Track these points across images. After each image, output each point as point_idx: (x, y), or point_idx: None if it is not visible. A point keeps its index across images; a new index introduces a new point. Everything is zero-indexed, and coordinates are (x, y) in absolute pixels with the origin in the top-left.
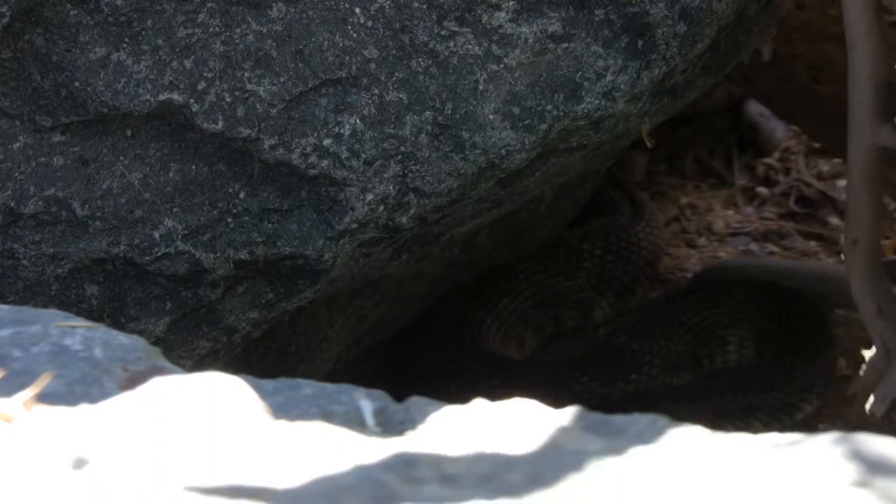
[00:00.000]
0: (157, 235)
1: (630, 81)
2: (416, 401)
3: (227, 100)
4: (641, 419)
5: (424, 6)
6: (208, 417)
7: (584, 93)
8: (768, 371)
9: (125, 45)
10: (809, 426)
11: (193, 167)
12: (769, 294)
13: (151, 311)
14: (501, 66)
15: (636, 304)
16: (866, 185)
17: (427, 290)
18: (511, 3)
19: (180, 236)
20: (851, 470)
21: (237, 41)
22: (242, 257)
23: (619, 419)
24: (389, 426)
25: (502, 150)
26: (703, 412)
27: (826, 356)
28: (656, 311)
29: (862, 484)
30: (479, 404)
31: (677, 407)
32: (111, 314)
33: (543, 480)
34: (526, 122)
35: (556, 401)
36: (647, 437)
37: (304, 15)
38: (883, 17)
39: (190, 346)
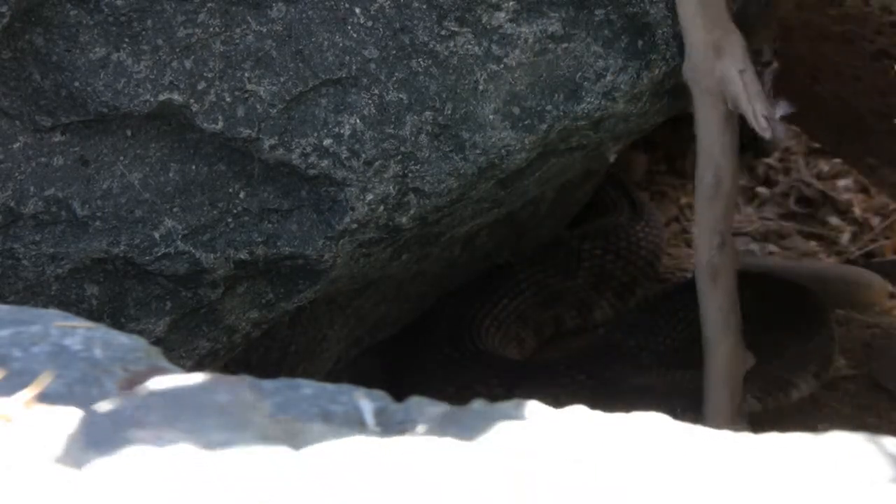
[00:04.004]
0: (157, 235)
1: (630, 81)
2: (416, 401)
3: (227, 100)
4: (641, 419)
5: (424, 6)
6: (208, 416)
7: (584, 93)
8: (760, 345)
9: (125, 45)
10: (809, 426)
11: (193, 167)
12: (766, 287)
13: (151, 311)
14: (501, 66)
15: (636, 304)
16: None
17: (427, 290)
18: (511, 3)
19: (180, 236)
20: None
21: (237, 41)
22: (242, 257)
23: (621, 418)
24: (389, 426)
25: (502, 150)
26: (691, 378)
27: (821, 337)
28: (653, 307)
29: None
30: (478, 405)
31: (666, 373)
32: (111, 314)
33: (544, 481)
34: (526, 122)
35: (555, 400)
36: (654, 436)
37: (304, 15)
38: (739, 313)
39: (190, 346)
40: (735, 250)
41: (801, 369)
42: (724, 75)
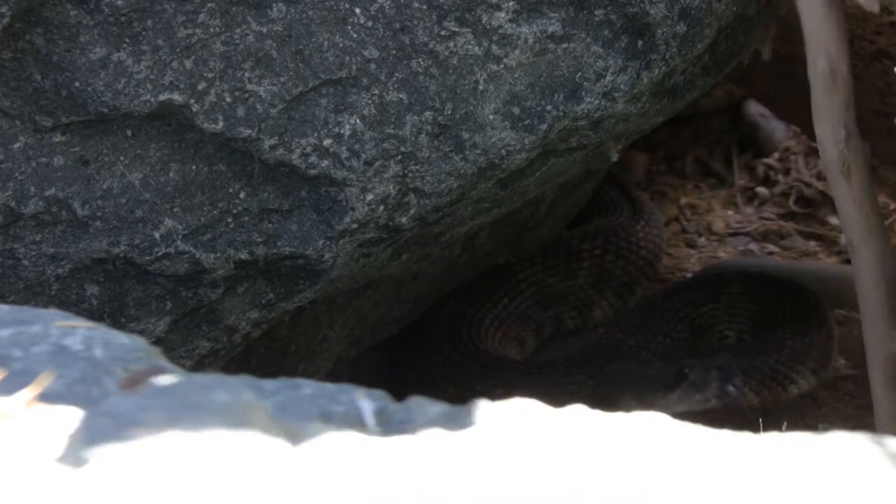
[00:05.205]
0: (157, 235)
1: (630, 82)
2: (416, 401)
3: (228, 100)
4: (641, 419)
5: (424, 6)
6: (209, 416)
7: (583, 93)
8: (758, 340)
9: (125, 46)
10: (809, 425)
11: (193, 167)
12: (766, 286)
13: (152, 311)
14: (501, 66)
15: (636, 304)
16: (892, 391)
17: (427, 291)
18: (511, 3)
19: (180, 236)
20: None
21: (237, 41)
22: (242, 257)
23: (621, 418)
24: (389, 426)
25: (502, 150)
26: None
27: (819, 333)
28: (654, 308)
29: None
30: (478, 405)
31: (667, 365)
32: (111, 314)
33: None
34: (526, 123)
35: (555, 400)
36: (654, 436)
37: (304, 15)
38: (880, 211)
39: (190, 346)
40: (863, 142)
41: (800, 364)
42: None
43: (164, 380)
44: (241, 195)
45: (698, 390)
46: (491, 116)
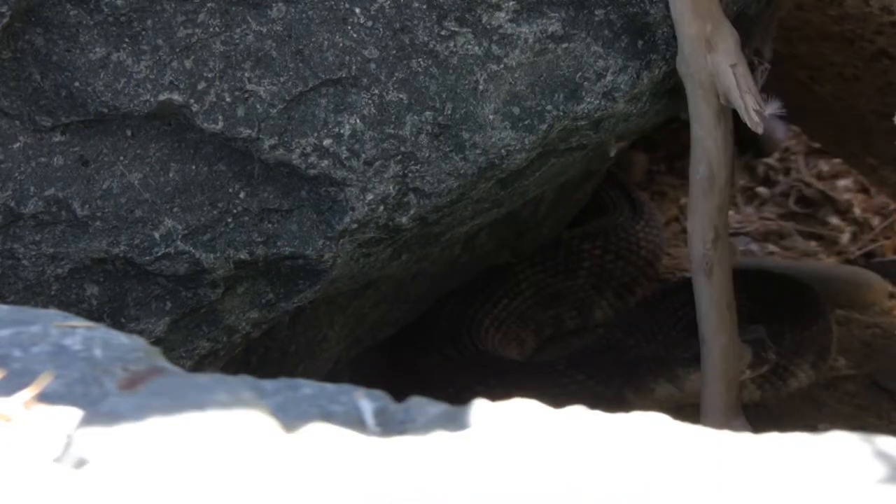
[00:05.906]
0: (157, 235)
1: (630, 81)
2: (416, 401)
3: (227, 100)
4: (641, 419)
5: (424, 6)
6: (210, 417)
7: (584, 93)
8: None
9: (125, 45)
10: (809, 426)
11: (193, 167)
12: (764, 282)
13: (151, 311)
14: (501, 66)
15: (636, 304)
16: None
17: (427, 291)
18: (511, 3)
19: (180, 236)
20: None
21: (237, 41)
22: (242, 257)
23: (621, 418)
24: (389, 426)
25: (502, 150)
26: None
27: (818, 326)
28: (653, 307)
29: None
30: (478, 405)
31: (664, 359)
32: (111, 314)
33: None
34: (526, 122)
35: (555, 400)
36: (654, 436)
37: (304, 15)
38: (734, 311)
39: (190, 346)
40: (730, 245)
41: (799, 357)
42: (716, 69)
43: (164, 380)
44: (241, 195)
45: None
46: (491, 116)
